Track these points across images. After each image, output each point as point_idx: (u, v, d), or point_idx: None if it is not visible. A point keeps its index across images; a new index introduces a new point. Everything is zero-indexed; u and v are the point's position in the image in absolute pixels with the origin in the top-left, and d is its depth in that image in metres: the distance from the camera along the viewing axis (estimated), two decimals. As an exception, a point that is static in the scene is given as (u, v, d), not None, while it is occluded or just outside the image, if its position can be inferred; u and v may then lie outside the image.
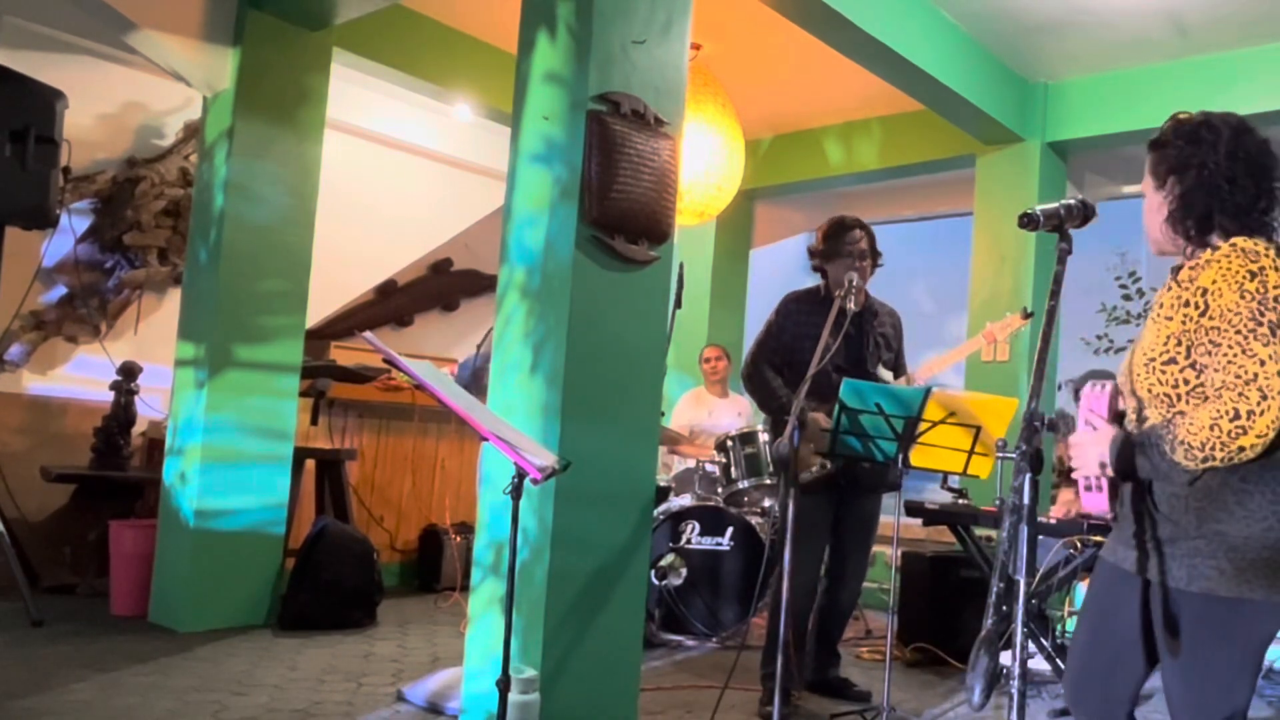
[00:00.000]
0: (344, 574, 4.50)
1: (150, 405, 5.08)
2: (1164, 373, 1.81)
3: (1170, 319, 1.82)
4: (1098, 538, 3.75)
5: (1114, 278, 6.65)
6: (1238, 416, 1.66)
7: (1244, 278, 1.74)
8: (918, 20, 4.67)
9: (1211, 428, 1.67)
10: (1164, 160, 1.91)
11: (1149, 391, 1.85)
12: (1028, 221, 1.90)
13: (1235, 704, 1.80)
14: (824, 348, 3.08)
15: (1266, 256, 1.77)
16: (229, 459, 4.33)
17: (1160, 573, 1.82)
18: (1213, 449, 1.67)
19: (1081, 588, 4.65)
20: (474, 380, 4.97)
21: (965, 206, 6.09)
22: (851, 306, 3.34)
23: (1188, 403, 1.79)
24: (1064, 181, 5.73)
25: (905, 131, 6.12)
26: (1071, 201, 1.94)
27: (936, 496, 4.40)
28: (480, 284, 6.80)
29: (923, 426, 3.10)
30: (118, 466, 4.86)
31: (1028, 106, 5.51)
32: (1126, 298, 6.60)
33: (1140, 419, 1.91)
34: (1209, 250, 1.84)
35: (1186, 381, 1.79)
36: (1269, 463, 1.75)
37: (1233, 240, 1.82)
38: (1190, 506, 1.80)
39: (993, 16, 4.84)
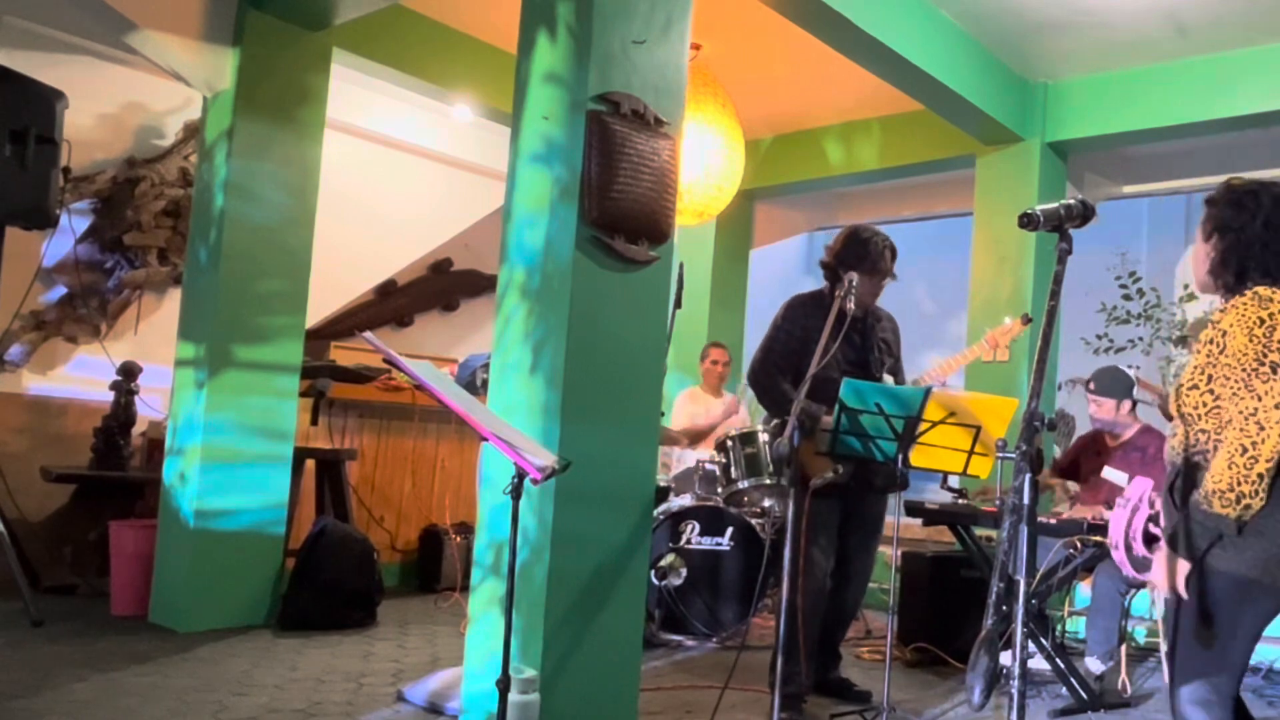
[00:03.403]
0: (344, 574, 4.50)
1: (150, 405, 5.08)
2: (1188, 396, 2.11)
3: (1199, 352, 2.12)
4: (1097, 538, 3.76)
5: (1114, 278, 6.65)
6: (1245, 450, 1.94)
7: (1254, 323, 2.01)
8: (917, 20, 4.67)
9: (1229, 466, 1.95)
10: (1210, 219, 2.19)
11: (1179, 411, 2.15)
12: (1028, 221, 1.92)
13: (1221, 672, 2.01)
14: (824, 348, 3.08)
15: (1277, 304, 2.03)
16: (229, 459, 4.33)
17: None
18: (1238, 483, 1.93)
19: (1082, 588, 4.66)
20: (473, 380, 4.97)
21: (965, 206, 6.09)
22: (851, 307, 3.33)
23: (1206, 421, 2.07)
24: (1064, 181, 5.73)
25: (905, 131, 6.12)
26: (1071, 201, 1.95)
27: (936, 496, 4.41)
28: (480, 284, 6.81)
29: (923, 426, 3.10)
30: (118, 466, 4.86)
31: (1028, 106, 5.51)
32: (1126, 298, 6.60)
33: (1172, 433, 2.20)
34: (1236, 296, 2.12)
35: (1205, 404, 2.07)
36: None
37: (1255, 289, 2.08)
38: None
39: (993, 16, 4.84)
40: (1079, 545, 3.80)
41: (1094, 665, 4.05)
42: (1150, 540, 2.49)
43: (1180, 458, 2.16)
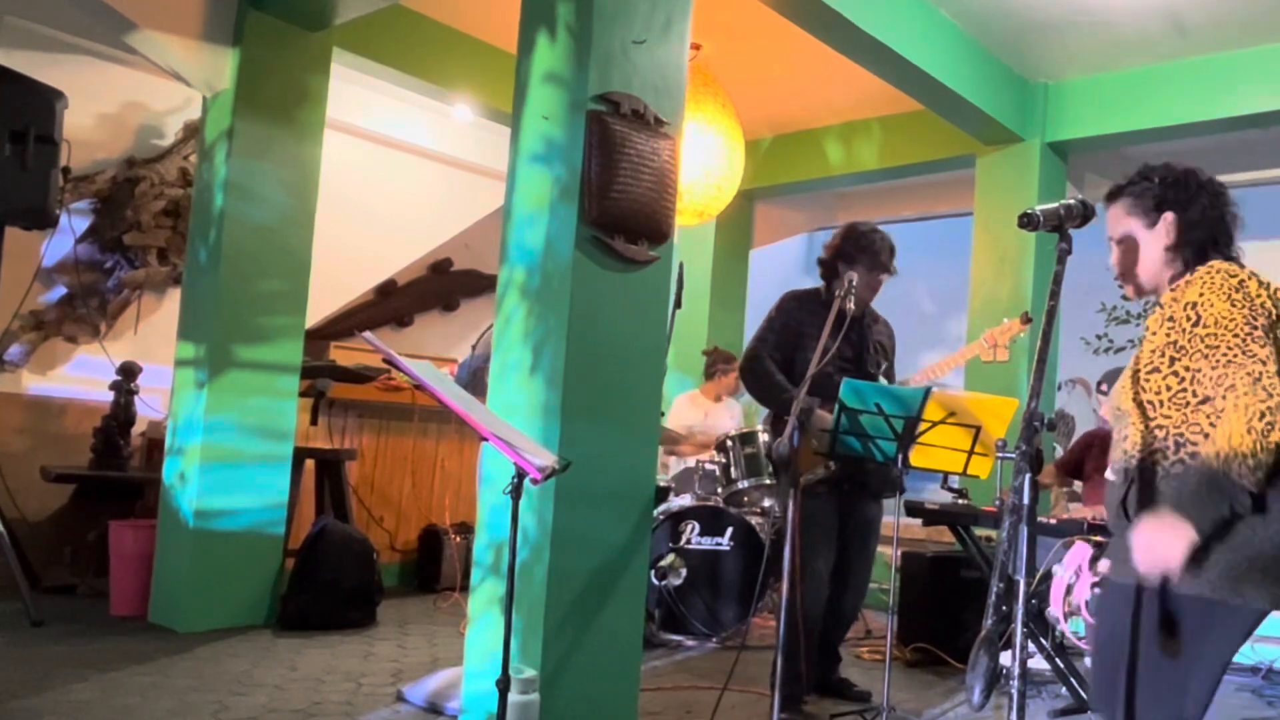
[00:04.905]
0: (344, 574, 4.50)
1: (150, 405, 5.08)
2: (1148, 381, 1.91)
3: (1155, 334, 1.94)
4: (1098, 538, 3.76)
5: (1114, 277, 6.66)
6: (1263, 415, 1.73)
7: (1231, 289, 1.86)
8: (917, 20, 4.67)
9: (1249, 431, 1.73)
10: (1153, 198, 2.03)
11: (1133, 401, 1.93)
12: (1027, 222, 1.91)
13: (1181, 707, 1.80)
14: (824, 348, 3.08)
15: (1243, 272, 1.92)
16: (229, 459, 4.33)
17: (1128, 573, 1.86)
18: (1259, 448, 1.72)
19: (1081, 588, 4.65)
20: (474, 379, 4.97)
21: (965, 207, 6.09)
22: (851, 306, 3.33)
23: (1169, 408, 1.87)
24: (1064, 182, 5.73)
25: (905, 131, 6.12)
26: (1071, 202, 1.95)
27: (936, 497, 4.41)
28: (480, 284, 6.80)
29: (923, 426, 3.10)
30: (117, 467, 4.86)
31: (1028, 106, 5.51)
32: (1126, 298, 6.58)
33: (1120, 434, 1.97)
34: (1189, 273, 1.97)
35: (1169, 388, 1.88)
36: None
37: (1210, 263, 1.95)
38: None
39: (993, 16, 4.84)
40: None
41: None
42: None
43: (1134, 460, 1.90)
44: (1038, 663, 4.08)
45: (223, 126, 4.43)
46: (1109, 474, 2.01)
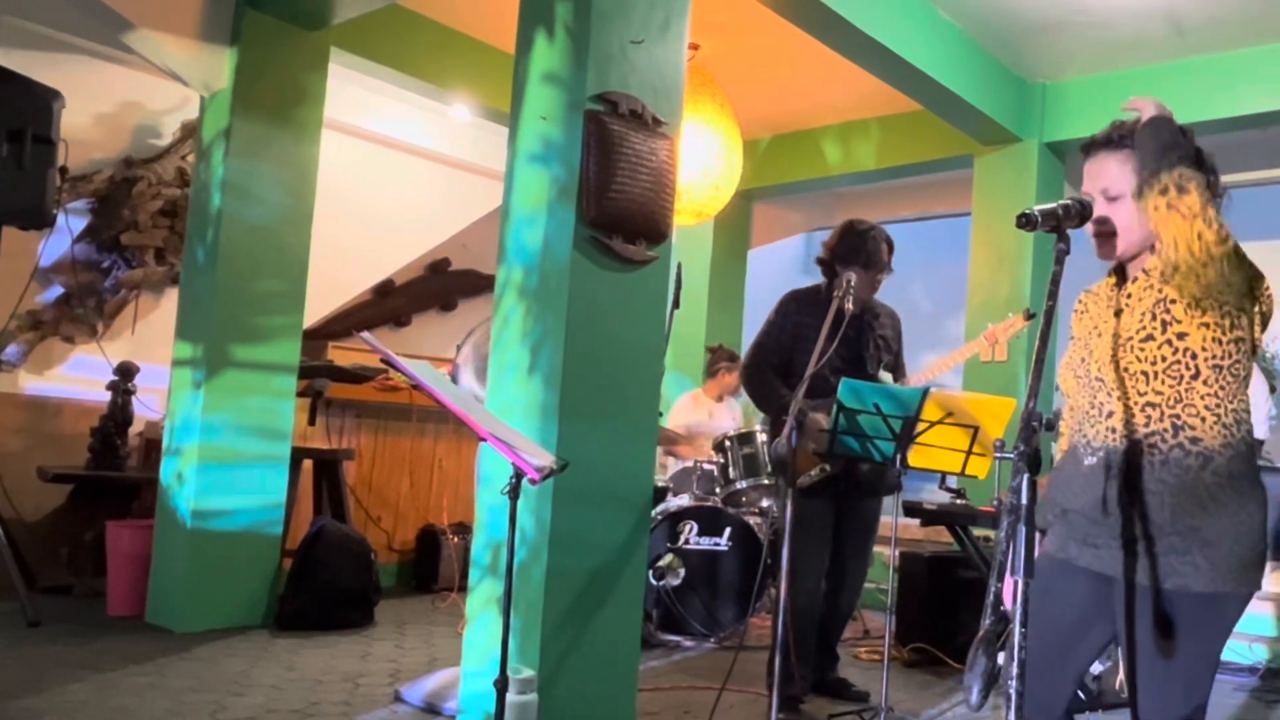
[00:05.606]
0: (341, 574, 4.50)
1: (147, 405, 5.07)
2: (1142, 349, 1.85)
3: (1141, 300, 1.89)
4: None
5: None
6: (1222, 240, 1.73)
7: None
8: (916, 20, 4.67)
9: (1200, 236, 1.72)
10: (1192, 176, 1.82)
11: (1125, 370, 1.86)
12: (1025, 222, 1.90)
13: (1199, 698, 1.85)
14: (821, 350, 3.08)
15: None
16: (226, 459, 4.33)
17: (1131, 570, 1.86)
18: (1204, 251, 1.72)
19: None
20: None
21: (963, 207, 6.09)
22: (850, 307, 3.33)
23: (1162, 381, 1.82)
24: (1062, 182, 5.73)
25: (903, 132, 6.12)
26: (1069, 202, 1.94)
27: (934, 497, 4.41)
28: (478, 284, 6.79)
29: (921, 426, 3.10)
30: (115, 467, 4.85)
31: (1026, 107, 5.51)
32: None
33: (1101, 411, 1.91)
34: None
35: (1164, 358, 1.83)
36: (1239, 458, 1.82)
37: None
38: (1165, 503, 1.83)
39: (991, 17, 4.84)
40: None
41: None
42: None
43: (1120, 445, 1.85)
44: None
45: (220, 126, 4.42)
46: (1087, 458, 1.93)
